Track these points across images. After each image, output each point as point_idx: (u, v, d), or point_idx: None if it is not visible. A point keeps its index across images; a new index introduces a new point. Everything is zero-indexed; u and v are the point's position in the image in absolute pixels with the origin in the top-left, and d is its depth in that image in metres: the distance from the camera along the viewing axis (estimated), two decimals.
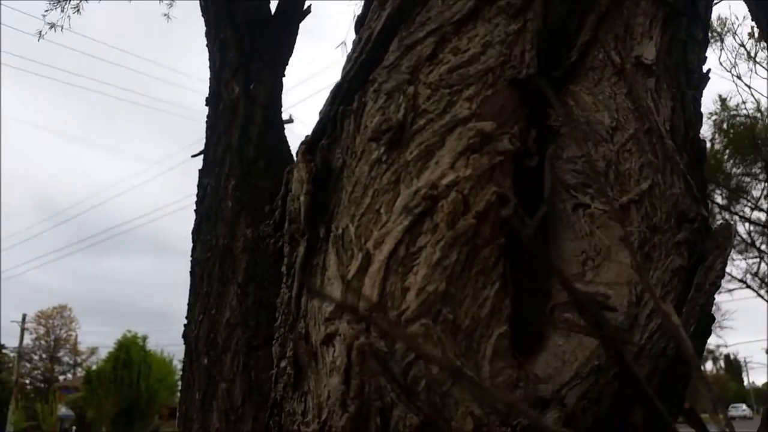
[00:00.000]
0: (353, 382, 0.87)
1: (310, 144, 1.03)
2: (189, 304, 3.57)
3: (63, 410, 24.30)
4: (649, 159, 1.00)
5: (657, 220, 0.98)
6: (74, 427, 24.42)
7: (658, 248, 0.97)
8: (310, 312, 0.98)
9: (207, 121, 3.98)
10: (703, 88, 1.19)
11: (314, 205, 0.99)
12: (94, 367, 21.07)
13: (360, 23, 1.16)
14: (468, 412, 0.86)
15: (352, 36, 1.19)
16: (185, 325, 3.80)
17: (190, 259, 3.61)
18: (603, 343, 0.85)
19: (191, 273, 3.64)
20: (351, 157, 0.99)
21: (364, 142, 0.98)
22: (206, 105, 3.95)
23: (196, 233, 2.91)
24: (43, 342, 29.38)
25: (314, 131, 1.05)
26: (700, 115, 1.17)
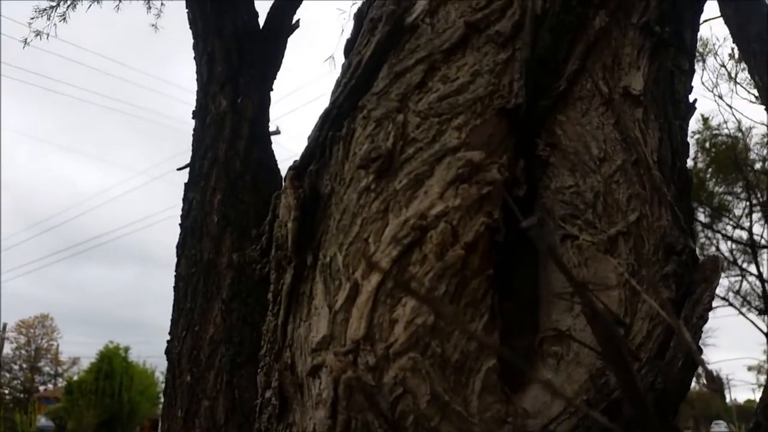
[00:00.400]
0: (340, 417, 0.86)
1: (298, 169, 1.02)
2: (172, 320, 3.52)
3: (43, 421, 23.85)
4: (636, 190, 1.00)
5: (645, 252, 0.98)
6: None
7: (646, 281, 0.97)
8: (296, 341, 0.97)
9: (193, 134, 3.95)
10: (690, 118, 1.20)
11: (302, 232, 0.98)
12: (75, 378, 20.73)
13: (349, 48, 1.16)
14: None
15: (341, 49, 1.18)
16: (168, 341, 3.75)
17: (174, 273, 3.57)
18: (601, 341, 0.84)
19: (175, 288, 3.60)
20: (339, 184, 0.99)
21: (353, 169, 0.97)
22: (193, 118, 3.93)
23: (181, 248, 2.88)
24: (23, 351, 28.89)
25: (302, 156, 1.04)
26: (687, 144, 1.18)
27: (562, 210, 1.00)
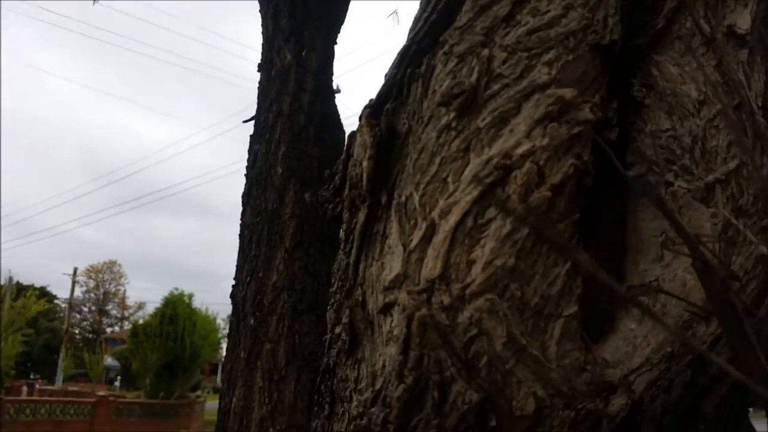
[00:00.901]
0: (412, 354, 0.85)
1: (374, 108, 1.00)
2: (237, 266, 3.62)
3: (109, 360, 25.37)
4: (737, 136, 0.93)
5: (743, 203, 0.91)
6: (119, 377, 25.51)
7: (741, 233, 0.90)
8: (368, 279, 0.96)
9: (258, 88, 3.97)
10: None
11: (377, 170, 0.96)
12: (141, 321, 21.85)
13: None
14: (530, 393, 0.83)
15: (404, 3, 1.14)
16: (233, 286, 3.88)
17: (239, 222, 3.66)
18: (711, 295, 0.80)
19: (240, 236, 3.69)
20: (417, 123, 0.95)
21: (433, 107, 0.93)
22: (258, 71, 3.95)
23: (246, 197, 2.93)
24: (92, 295, 30.61)
25: (379, 94, 1.01)
26: None
27: (658, 154, 0.94)
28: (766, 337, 0.88)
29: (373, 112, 0.99)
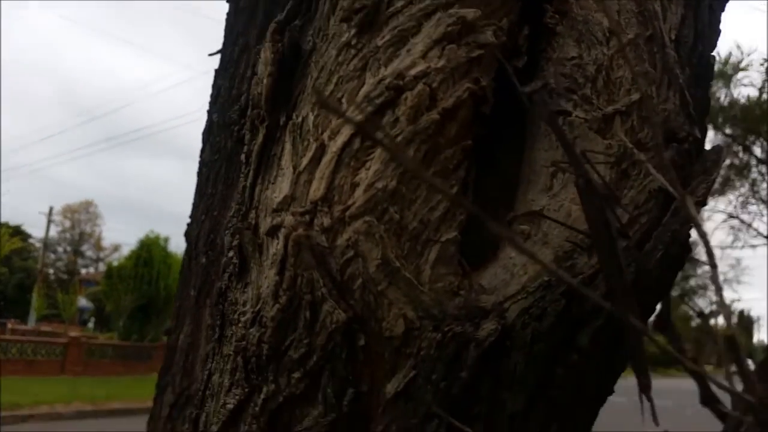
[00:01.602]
0: (287, 274, 0.83)
1: (281, 23, 0.95)
2: (193, 204, 3.56)
3: (83, 302, 25.35)
4: (645, 68, 0.90)
5: (642, 136, 0.89)
6: (93, 318, 25.57)
7: (637, 166, 0.89)
8: (262, 202, 0.93)
9: (226, 20, 3.82)
10: (725, 0, 1.07)
11: (277, 89, 0.92)
12: (116, 263, 21.76)
13: None
14: (401, 315, 0.82)
15: None
16: (188, 224, 3.81)
17: (198, 159, 3.57)
18: (589, 214, 0.79)
19: (198, 173, 3.61)
20: (322, 41, 0.91)
21: (337, 23, 0.89)
22: (227, 1, 3.79)
23: (207, 134, 2.86)
24: (68, 235, 30.33)
25: (288, 10, 0.96)
26: (718, 30, 1.05)
27: (560, 82, 0.91)
28: (648, 272, 0.87)
29: (278, 27, 0.94)
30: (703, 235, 0.80)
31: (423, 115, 0.83)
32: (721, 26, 1.07)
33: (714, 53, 1.06)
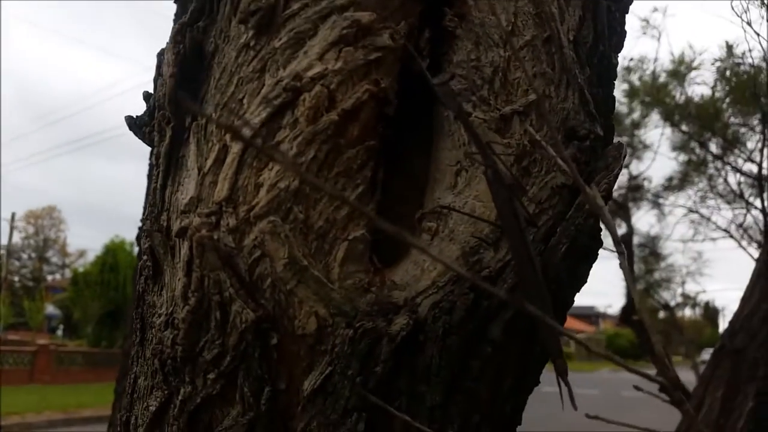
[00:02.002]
0: (194, 275, 0.85)
1: (184, 25, 0.96)
2: (143, 208, 3.51)
3: (50, 309, 24.84)
4: (543, 69, 0.93)
5: (541, 135, 0.92)
6: (61, 326, 25.08)
7: (539, 163, 0.92)
8: (173, 204, 0.94)
9: (173, 20, 3.79)
10: (627, 2, 1.10)
11: (180, 91, 0.93)
12: (81, 269, 21.36)
13: None
14: (312, 312, 0.84)
15: None
16: (139, 228, 3.76)
17: (148, 162, 3.52)
18: (498, 204, 0.82)
19: (147, 176, 3.57)
20: (224, 42, 0.92)
21: (237, 25, 0.90)
22: (174, 2, 3.75)
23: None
24: (32, 241, 29.63)
25: (191, 11, 0.97)
26: (621, 31, 1.09)
27: (459, 85, 0.93)
28: (556, 265, 0.91)
29: (180, 29, 0.95)
30: (609, 225, 0.84)
31: (322, 116, 0.84)
32: (626, 28, 1.11)
33: (618, 54, 1.09)
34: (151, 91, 1.02)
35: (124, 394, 1.40)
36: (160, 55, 0.97)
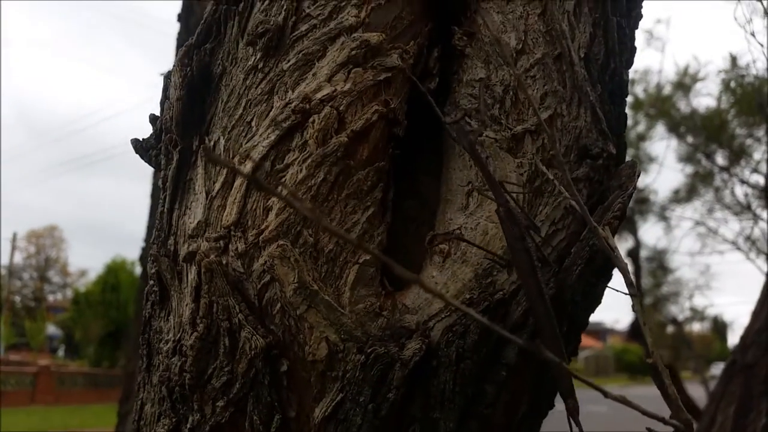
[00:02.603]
0: (202, 301, 0.83)
1: (191, 47, 0.95)
2: (147, 228, 3.50)
3: (52, 329, 24.74)
4: (554, 87, 0.92)
5: (554, 154, 0.91)
6: (63, 346, 24.96)
7: (551, 183, 0.90)
8: (180, 228, 0.93)
9: (177, 39, 3.82)
10: (638, 18, 1.10)
11: (188, 113, 0.91)
12: (83, 289, 21.30)
13: None
14: (323, 338, 0.82)
15: None
16: (143, 248, 3.75)
17: (152, 183, 3.53)
18: (510, 241, 0.80)
19: (151, 196, 3.56)
20: (231, 64, 0.91)
21: (245, 47, 0.89)
22: (178, 21, 3.79)
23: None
24: (33, 261, 29.58)
25: (198, 33, 0.96)
26: (632, 47, 1.08)
27: (469, 104, 0.92)
28: (571, 286, 0.89)
29: (187, 51, 0.94)
30: (621, 268, 0.82)
31: (332, 138, 0.83)
32: (636, 43, 1.10)
33: (629, 70, 1.08)
34: (157, 113, 1.01)
35: (129, 417, 1.37)
36: (167, 77, 0.96)
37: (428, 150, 0.98)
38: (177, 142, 0.93)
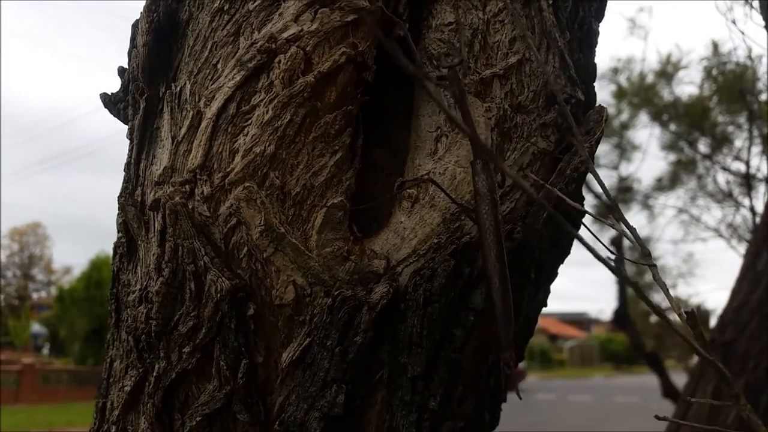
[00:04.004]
0: (167, 245, 0.82)
1: None
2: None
3: (36, 327, 24.48)
4: (523, 32, 0.92)
5: (522, 99, 0.91)
6: (47, 344, 24.72)
7: (519, 128, 0.90)
8: (147, 178, 0.91)
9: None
10: None
11: (155, 59, 0.90)
12: (67, 286, 21.07)
13: None
14: (290, 281, 0.81)
15: None
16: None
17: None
18: (476, 181, 0.79)
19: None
20: (198, 9, 0.90)
21: None
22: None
23: None
24: (16, 259, 29.23)
25: None
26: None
27: (438, 49, 0.92)
28: (538, 231, 0.89)
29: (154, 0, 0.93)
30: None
31: (298, 79, 0.82)
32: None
33: (600, 22, 1.08)
34: (126, 66, 1.00)
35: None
36: (135, 26, 0.94)
37: (399, 98, 0.97)
38: (144, 90, 0.91)
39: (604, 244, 0.75)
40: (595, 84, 1.06)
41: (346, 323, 0.81)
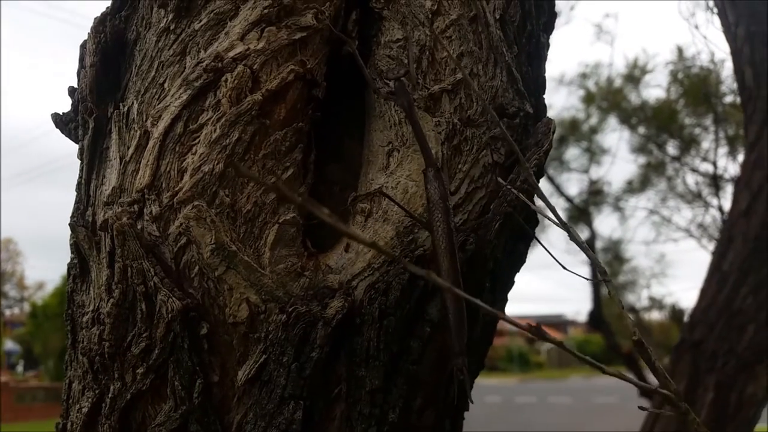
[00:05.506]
0: (116, 266, 0.81)
1: (104, 15, 0.93)
2: None
3: (10, 344, 23.95)
4: (470, 48, 0.94)
5: (471, 113, 0.92)
6: (21, 361, 24.18)
7: (470, 142, 0.91)
8: (98, 198, 0.91)
9: None
10: None
11: (102, 80, 0.90)
12: (40, 302, 20.66)
13: None
14: (243, 299, 0.81)
15: None
16: None
17: None
18: (428, 190, 0.80)
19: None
20: (145, 29, 0.90)
21: (157, 10, 0.88)
22: None
23: None
24: None
25: (113, 2, 0.95)
26: (551, 11, 1.11)
27: (387, 65, 0.93)
28: (490, 242, 0.90)
29: (101, 19, 0.92)
30: (543, 198, 0.83)
31: (246, 97, 0.83)
32: (555, 10, 1.13)
33: (549, 35, 1.11)
34: (76, 85, 0.99)
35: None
36: (83, 47, 0.94)
37: (351, 114, 0.98)
38: (92, 110, 0.91)
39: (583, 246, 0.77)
40: (544, 96, 1.08)
41: (302, 339, 0.82)
